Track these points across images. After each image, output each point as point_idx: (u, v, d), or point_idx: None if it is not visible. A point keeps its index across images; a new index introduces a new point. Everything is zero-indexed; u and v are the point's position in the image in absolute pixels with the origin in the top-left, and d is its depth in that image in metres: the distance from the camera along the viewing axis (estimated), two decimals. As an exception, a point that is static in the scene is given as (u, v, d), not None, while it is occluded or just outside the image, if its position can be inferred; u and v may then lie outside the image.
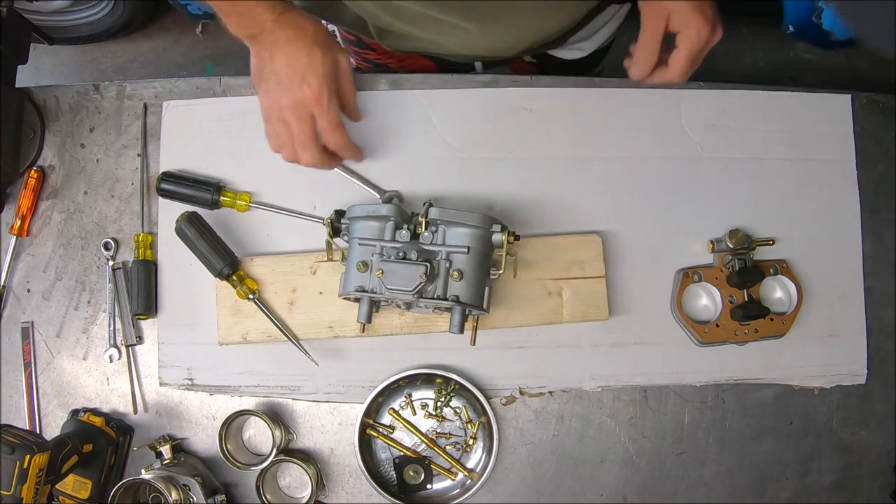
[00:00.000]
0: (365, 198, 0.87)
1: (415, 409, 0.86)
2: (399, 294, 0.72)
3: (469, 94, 0.89)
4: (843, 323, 0.89)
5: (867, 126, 0.92)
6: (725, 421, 0.88)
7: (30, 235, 0.88)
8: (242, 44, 0.72)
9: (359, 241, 0.75)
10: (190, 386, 0.85)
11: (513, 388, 0.86)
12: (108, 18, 1.75)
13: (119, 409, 0.86)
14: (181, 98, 0.89)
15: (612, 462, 0.87)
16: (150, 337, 0.87)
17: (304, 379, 0.85)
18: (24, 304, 0.88)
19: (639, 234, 0.88)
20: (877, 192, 0.92)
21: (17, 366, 0.86)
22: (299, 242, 0.86)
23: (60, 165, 0.90)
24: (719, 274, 0.86)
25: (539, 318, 0.82)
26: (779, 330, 0.85)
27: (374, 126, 0.88)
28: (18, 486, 0.66)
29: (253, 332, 0.82)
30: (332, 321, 0.82)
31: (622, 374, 0.86)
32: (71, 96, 0.90)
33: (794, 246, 0.89)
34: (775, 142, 0.90)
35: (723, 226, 0.88)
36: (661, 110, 0.90)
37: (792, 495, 0.89)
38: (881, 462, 0.90)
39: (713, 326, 0.84)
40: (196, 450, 0.86)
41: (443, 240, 0.75)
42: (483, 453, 0.85)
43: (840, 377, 0.88)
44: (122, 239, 0.88)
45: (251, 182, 0.87)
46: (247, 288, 0.81)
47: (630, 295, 0.87)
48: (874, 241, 0.91)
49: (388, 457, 0.86)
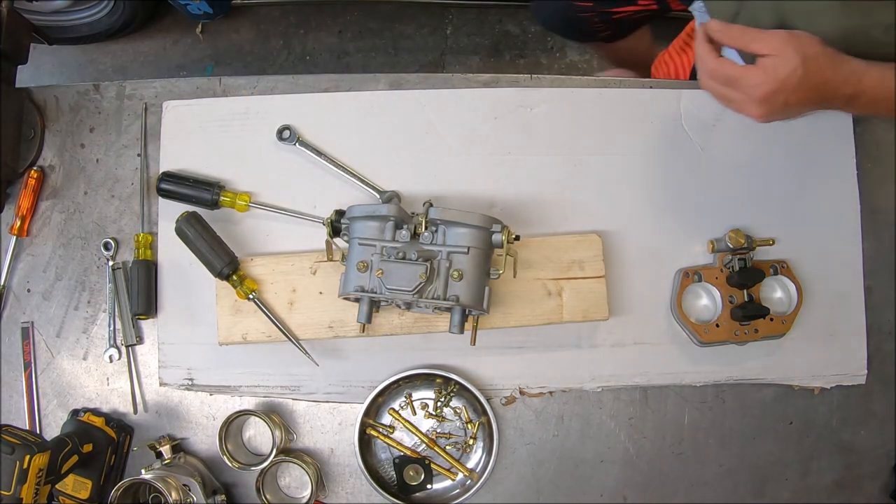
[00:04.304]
0: (365, 198, 0.87)
1: (415, 409, 0.86)
2: (399, 294, 0.72)
3: (469, 94, 0.89)
4: (843, 323, 0.89)
5: (867, 126, 0.92)
6: (725, 421, 0.88)
7: (30, 235, 0.88)
8: (242, 45, 0.73)
9: (359, 241, 0.75)
10: (190, 386, 0.85)
11: (513, 388, 0.86)
12: (108, 18, 1.75)
13: (119, 409, 0.86)
14: (181, 98, 0.89)
15: (612, 462, 0.87)
16: (150, 337, 0.87)
17: (304, 379, 0.85)
18: (24, 304, 0.88)
19: (639, 234, 0.88)
20: (877, 192, 0.92)
21: (17, 366, 0.86)
22: (299, 242, 0.86)
23: (60, 165, 0.90)
24: (719, 274, 0.86)
25: (539, 318, 0.82)
26: (779, 330, 0.85)
27: (375, 126, 0.88)
28: (18, 486, 0.66)
29: (253, 332, 0.82)
30: (332, 321, 0.82)
31: (622, 374, 0.86)
32: (71, 96, 0.90)
33: (794, 246, 0.89)
34: (775, 142, 0.90)
35: (723, 226, 0.88)
36: (661, 110, 0.90)
37: (792, 495, 0.89)
38: (881, 462, 0.90)
39: (713, 326, 0.84)
40: (196, 450, 0.86)
41: (443, 240, 0.75)
42: (483, 453, 0.85)
43: (840, 377, 0.88)
44: (122, 239, 0.88)
45: (251, 182, 0.87)
46: (247, 288, 0.81)
47: (630, 295, 0.87)
48: (874, 241, 0.91)
49: (388, 457, 0.86)
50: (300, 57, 1.91)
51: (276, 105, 0.88)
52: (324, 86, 0.90)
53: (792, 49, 0.67)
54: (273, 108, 0.88)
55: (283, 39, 1.91)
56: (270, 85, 0.90)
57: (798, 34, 0.69)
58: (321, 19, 1.90)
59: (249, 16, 1.91)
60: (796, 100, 0.69)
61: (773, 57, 0.68)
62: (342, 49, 1.90)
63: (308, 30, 1.91)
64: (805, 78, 0.67)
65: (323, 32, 1.90)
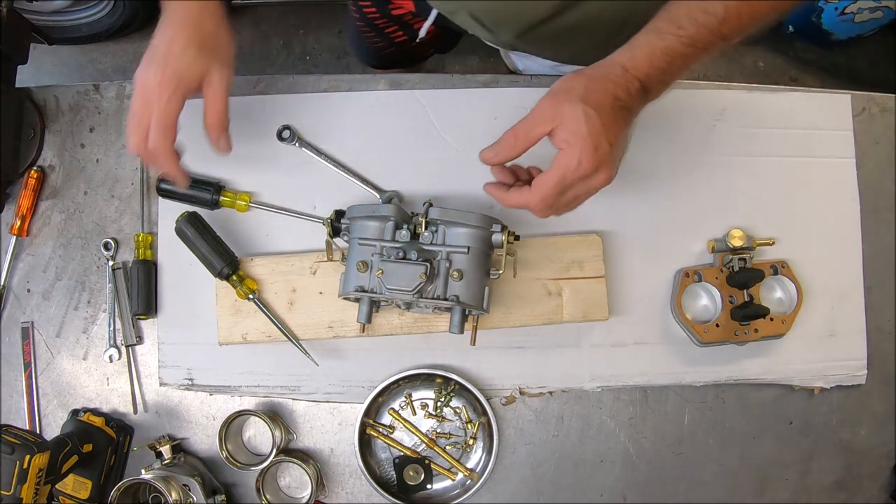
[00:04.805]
0: (365, 198, 0.87)
1: (415, 409, 0.86)
2: (399, 294, 0.72)
3: (469, 94, 0.89)
4: (843, 323, 0.89)
5: (867, 126, 0.92)
6: (725, 421, 0.88)
7: (30, 235, 0.88)
8: (242, 45, 0.73)
9: (359, 241, 0.75)
10: (190, 386, 0.85)
11: (513, 388, 0.86)
12: (108, 18, 1.75)
13: (119, 409, 0.86)
14: (181, 98, 0.89)
15: (611, 462, 0.87)
16: (150, 337, 0.87)
17: (304, 379, 0.85)
18: (24, 304, 0.88)
19: (639, 234, 0.88)
20: (877, 192, 0.92)
21: (17, 366, 0.87)
22: (299, 242, 0.86)
23: (60, 165, 0.90)
24: (719, 274, 0.86)
25: (539, 318, 0.82)
26: (779, 330, 0.85)
27: (375, 126, 0.88)
28: (18, 486, 0.66)
29: (253, 332, 0.82)
30: (332, 321, 0.82)
31: (622, 374, 0.86)
32: (71, 96, 0.90)
33: (794, 246, 0.89)
34: (775, 142, 0.90)
35: (723, 226, 0.88)
36: (661, 110, 0.90)
37: (792, 495, 0.89)
38: (881, 462, 0.90)
39: (713, 326, 0.84)
40: (196, 450, 0.86)
41: (443, 240, 0.75)
42: (483, 453, 0.85)
43: (840, 377, 0.88)
44: (122, 239, 0.88)
45: (251, 182, 0.87)
46: (247, 288, 0.81)
47: (630, 295, 0.87)
48: (874, 241, 0.91)
49: (388, 457, 0.86)
50: (300, 57, 1.91)
51: (276, 105, 0.88)
52: (324, 86, 0.90)
53: (564, 103, 0.60)
54: (273, 108, 0.88)
55: (283, 39, 1.91)
56: (270, 85, 0.90)
57: (554, 88, 0.62)
58: (321, 19, 1.90)
59: (249, 16, 1.91)
60: (615, 131, 0.61)
61: (559, 126, 0.61)
62: (342, 49, 1.90)
63: (308, 30, 1.91)
64: (600, 111, 0.60)
65: (323, 32, 1.90)
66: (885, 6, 1.60)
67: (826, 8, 1.67)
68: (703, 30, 0.59)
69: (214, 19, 0.71)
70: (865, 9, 1.64)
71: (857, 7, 1.64)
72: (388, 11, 1.04)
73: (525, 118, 0.64)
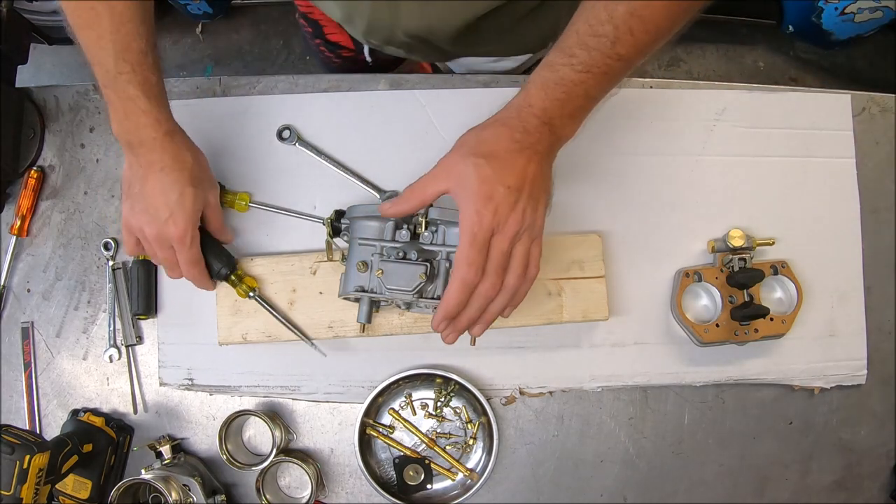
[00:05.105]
0: (365, 198, 0.87)
1: (415, 409, 0.86)
2: (399, 294, 0.72)
3: (469, 94, 0.89)
4: (843, 323, 0.89)
5: (867, 126, 0.92)
6: (725, 421, 0.88)
7: (30, 235, 0.88)
8: (242, 45, 0.73)
9: (359, 241, 0.75)
10: (190, 386, 0.85)
11: (513, 388, 0.86)
12: (107, 18, 1.75)
13: (119, 409, 0.86)
14: (181, 98, 0.89)
15: (612, 462, 0.87)
16: (150, 337, 0.87)
17: (304, 379, 0.85)
18: (24, 304, 0.88)
19: (639, 234, 0.88)
20: (877, 192, 0.92)
21: (17, 366, 0.87)
22: (299, 242, 0.86)
23: (60, 165, 0.90)
24: (719, 274, 0.86)
25: (539, 318, 0.82)
26: (779, 330, 0.85)
27: (375, 126, 0.88)
28: (18, 486, 0.66)
29: (253, 332, 0.82)
30: (332, 321, 0.82)
31: (622, 374, 0.86)
32: (71, 96, 0.90)
33: (794, 246, 0.89)
34: (775, 142, 0.90)
35: (723, 226, 0.88)
36: (661, 110, 0.90)
37: (792, 495, 0.89)
38: (881, 462, 0.90)
39: (713, 326, 0.84)
40: (196, 450, 0.86)
41: (443, 240, 0.74)
42: (483, 453, 0.85)
43: (840, 377, 0.88)
44: (122, 239, 0.88)
45: (251, 182, 0.87)
46: (246, 286, 0.80)
47: (630, 295, 0.87)
48: (874, 241, 0.91)
49: (388, 457, 0.86)
50: (300, 57, 1.91)
51: (276, 105, 0.88)
52: (324, 86, 0.90)
53: (456, 160, 0.62)
54: (273, 108, 0.88)
55: (283, 39, 1.91)
56: (270, 85, 0.90)
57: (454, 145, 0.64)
58: (321, 19, 1.90)
59: (249, 16, 1.91)
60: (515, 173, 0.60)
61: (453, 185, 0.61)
62: (342, 49, 1.90)
63: (308, 30, 1.91)
64: (491, 159, 0.60)
65: (323, 32, 1.90)
66: (885, 6, 1.60)
67: (826, 8, 1.67)
68: (596, 53, 0.58)
69: (185, 147, 0.72)
70: (865, 9, 1.64)
71: (857, 7, 1.63)
72: (325, 37, 1.06)
73: (424, 175, 0.65)
